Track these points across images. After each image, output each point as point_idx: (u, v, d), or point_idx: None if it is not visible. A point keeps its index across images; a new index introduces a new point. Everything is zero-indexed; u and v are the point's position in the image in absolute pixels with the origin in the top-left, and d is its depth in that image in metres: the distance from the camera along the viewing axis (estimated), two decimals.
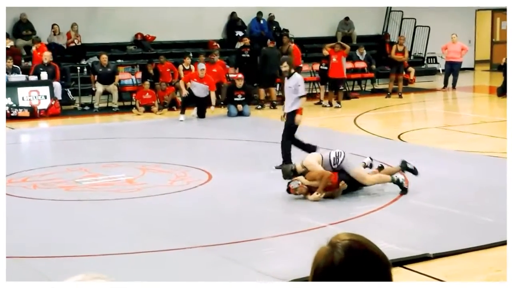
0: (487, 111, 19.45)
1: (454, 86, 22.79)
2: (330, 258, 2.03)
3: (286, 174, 9.92)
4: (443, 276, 6.92)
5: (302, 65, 21.12)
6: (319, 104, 19.81)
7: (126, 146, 14.68)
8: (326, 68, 19.72)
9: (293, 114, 11.45)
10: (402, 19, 25.58)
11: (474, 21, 28.73)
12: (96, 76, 18.94)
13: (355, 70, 22.64)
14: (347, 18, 24.67)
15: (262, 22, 23.27)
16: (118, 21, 21.64)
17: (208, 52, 20.86)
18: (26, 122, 17.15)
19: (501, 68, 22.10)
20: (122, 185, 10.70)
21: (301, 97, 11.49)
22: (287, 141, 11.43)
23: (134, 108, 18.60)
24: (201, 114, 17.30)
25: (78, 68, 19.60)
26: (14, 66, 18.46)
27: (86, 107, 19.09)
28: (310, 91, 21.82)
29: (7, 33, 19.57)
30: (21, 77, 18.28)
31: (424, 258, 7.32)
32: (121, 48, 21.87)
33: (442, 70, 24.53)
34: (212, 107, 17.16)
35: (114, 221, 8.88)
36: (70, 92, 19.35)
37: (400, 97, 20.94)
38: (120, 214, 9.19)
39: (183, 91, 17.45)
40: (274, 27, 23.36)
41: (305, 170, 9.84)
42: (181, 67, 19.68)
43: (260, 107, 19.01)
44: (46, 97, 18.00)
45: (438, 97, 22.09)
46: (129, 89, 19.88)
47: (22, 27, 20.39)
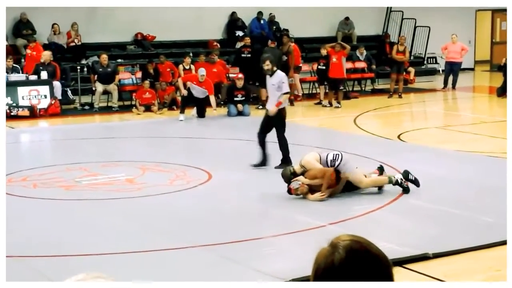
0: (487, 111, 19.45)
1: (454, 86, 22.80)
2: (331, 258, 2.03)
3: (287, 178, 9.84)
4: (442, 276, 6.92)
5: (302, 64, 21.15)
6: (319, 104, 19.81)
7: (126, 145, 14.67)
8: (324, 68, 19.72)
9: (279, 113, 11.45)
10: (402, 19, 25.57)
11: (474, 21, 28.74)
12: (96, 75, 18.95)
13: (355, 70, 22.66)
14: (347, 18, 24.67)
15: (262, 22, 23.27)
16: (118, 20, 21.65)
17: (208, 51, 20.86)
18: (26, 122, 17.16)
19: (501, 68, 22.10)
20: (122, 184, 10.70)
21: (285, 93, 11.51)
22: (283, 137, 11.49)
23: (134, 107, 18.61)
24: (200, 114, 17.31)
25: (78, 67, 19.60)
26: (14, 65, 18.48)
27: (86, 107, 19.10)
28: (310, 91, 21.86)
29: None
30: (21, 76, 18.29)
31: (423, 257, 7.32)
32: (121, 47, 21.87)
33: (442, 70, 24.54)
34: (214, 111, 17.13)
35: (114, 220, 8.89)
36: (70, 91, 19.36)
37: (400, 97, 20.95)
38: (120, 214, 9.19)
39: (182, 91, 17.45)
40: (275, 27, 23.36)
41: (304, 170, 9.85)
42: (181, 67, 19.69)
43: (260, 107, 19.00)
44: (46, 96, 18.01)
45: (438, 97, 22.09)
46: (129, 88, 19.89)
47: (22, 27, 20.38)
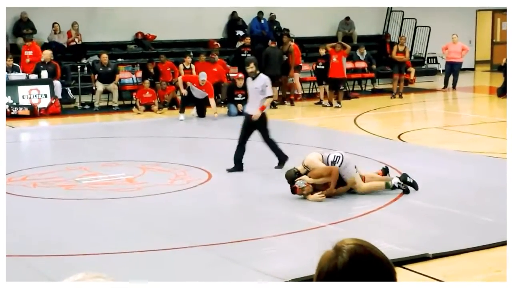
0: (487, 112, 19.45)
1: (454, 87, 22.79)
2: (334, 262, 2.03)
3: (291, 178, 9.76)
4: (442, 276, 6.92)
5: (302, 64, 21.15)
6: (319, 103, 19.80)
7: (126, 145, 14.67)
8: (323, 67, 19.72)
9: (261, 117, 11.32)
10: (403, 19, 25.56)
11: (474, 21, 28.74)
12: (96, 75, 18.94)
13: (356, 70, 22.66)
14: (348, 18, 24.66)
15: (262, 21, 23.26)
16: (118, 20, 21.64)
17: (208, 51, 20.86)
18: (26, 121, 17.15)
19: (501, 68, 22.10)
20: (122, 184, 10.70)
21: (268, 97, 11.39)
22: (270, 139, 11.40)
23: (134, 107, 18.61)
24: (201, 114, 17.30)
25: (79, 67, 19.60)
26: (14, 64, 18.47)
27: (86, 106, 19.10)
28: (310, 91, 21.86)
29: None
30: (21, 75, 18.28)
31: (423, 258, 7.32)
32: (121, 47, 21.87)
33: (443, 70, 24.53)
34: (215, 114, 17.05)
35: (114, 220, 8.88)
36: (70, 90, 19.36)
37: (400, 97, 20.94)
38: (120, 213, 9.19)
39: (182, 90, 17.44)
40: (275, 27, 23.35)
41: (307, 170, 9.82)
42: (181, 66, 19.67)
43: None
44: (46, 95, 18.01)
45: (438, 97, 22.09)
46: (129, 88, 19.89)
47: (22, 26, 20.36)
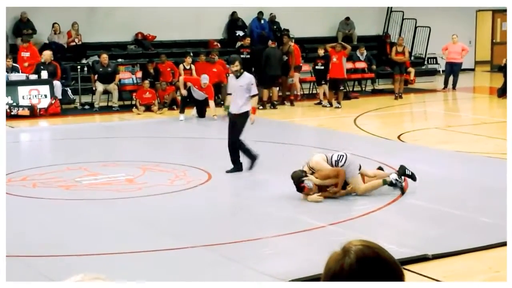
0: (487, 112, 19.45)
1: (454, 87, 22.79)
2: (341, 263, 2.03)
3: (298, 178, 9.62)
4: (442, 277, 6.92)
5: (302, 64, 21.14)
6: (319, 104, 19.80)
7: (126, 145, 14.67)
8: (322, 68, 19.73)
9: (244, 116, 11.20)
10: (403, 20, 25.56)
11: (474, 21, 28.73)
12: (96, 75, 18.94)
13: (356, 71, 22.67)
14: (348, 18, 24.65)
15: (262, 22, 23.25)
16: (118, 20, 21.64)
17: (208, 51, 20.85)
18: (26, 121, 17.15)
19: (501, 69, 22.10)
20: (122, 184, 10.70)
21: (253, 96, 11.32)
22: (240, 142, 11.19)
23: (134, 107, 18.61)
24: (201, 114, 17.29)
25: (79, 67, 19.59)
26: (13, 65, 18.46)
27: (86, 106, 19.10)
28: (310, 91, 21.85)
29: None
30: (21, 76, 18.28)
31: (423, 258, 7.32)
32: (121, 47, 21.86)
33: (443, 71, 24.53)
34: (214, 117, 17.00)
35: (114, 220, 8.88)
36: (70, 91, 19.35)
37: (400, 97, 20.93)
38: (119, 214, 9.19)
39: (182, 90, 17.42)
40: (275, 27, 23.34)
41: (312, 171, 9.77)
42: (181, 67, 19.65)
43: (261, 107, 18.99)
44: (46, 96, 18.01)
45: (438, 97, 22.09)
46: (129, 88, 19.89)
47: (22, 26, 20.36)
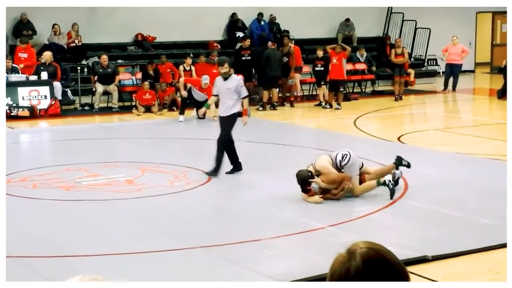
0: (487, 114, 19.46)
1: (454, 88, 22.79)
2: (347, 266, 2.02)
3: (303, 178, 9.58)
4: (441, 278, 6.92)
5: (302, 65, 21.14)
6: (319, 105, 19.80)
7: (126, 146, 14.66)
8: (322, 69, 19.74)
9: (232, 118, 11.04)
10: (403, 21, 25.57)
11: (474, 23, 28.74)
12: (96, 76, 18.94)
13: (355, 72, 22.67)
14: (348, 20, 24.64)
15: (262, 23, 23.25)
16: (118, 21, 21.64)
17: (208, 52, 20.85)
18: (26, 122, 17.15)
19: (501, 70, 22.11)
20: (121, 185, 10.69)
21: (245, 97, 11.20)
22: (223, 147, 11.02)
23: (134, 108, 18.61)
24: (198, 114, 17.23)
25: (79, 68, 19.59)
26: (13, 65, 18.44)
27: (86, 107, 19.10)
28: (310, 93, 21.85)
29: None
30: (21, 76, 18.27)
31: (422, 260, 7.31)
32: (121, 48, 21.86)
33: (443, 72, 24.52)
34: (214, 118, 16.96)
35: (113, 221, 8.88)
36: (70, 92, 19.35)
37: (400, 98, 20.93)
38: (119, 214, 9.19)
39: (182, 92, 17.41)
40: (275, 28, 23.34)
41: (317, 173, 9.72)
42: (181, 68, 19.65)
43: (261, 109, 18.99)
44: (46, 97, 18.00)
45: (438, 99, 22.09)
46: (129, 89, 19.89)
47: (22, 27, 20.36)
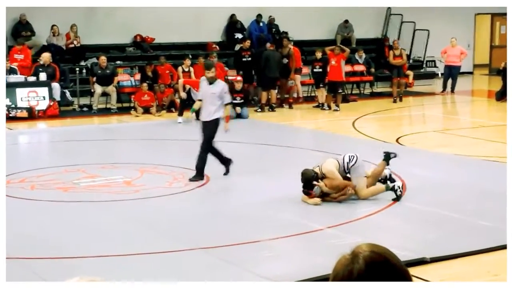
0: (486, 115, 19.46)
1: (452, 90, 22.79)
2: (350, 268, 2.02)
3: (307, 178, 9.56)
4: (439, 280, 6.92)
5: (302, 67, 21.14)
6: (318, 107, 19.78)
7: (125, 147, 14.67)
8: (320, 70, 19.74)
9: (215, 123, 10.97)
10: (402, 23, 25.58)
11: (473, 25, 28.74)
12: (95, 77, 18.93)
13: (354, 73, 22.67)
14: (347, 21, 24.64)
15: (261, 24, 23.25)
16: (117, 22, 21.63)
17: (207, 54, 20.85)
18: (24, 123, 17.14)
19: (500, 72, 22.11)
20: (120, 186, 10.69)
21: (227, 104, 11.17)
22: (205, 153, 10.89)
23: (133, 109, 18.60)
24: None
25: (77, 69, 19.58)
26: (11, 67, 18.42)
27: (85, 108, 19.10)
28: (309, 94, 21.85)
29: None
30: (19, 77, 18.26)
31: (421, 262, 7.31)
32: (120, 49, 21.85)
33: (441, 74, 24.53)
34: None
35: (112, 222, 8.87)
36: (68, 93, 19.35)
37: (400, 100, 20.92)
38: (117, 216, 9.18)
39: (181, 93, 17.41)
40: (274, 30, 23.34)
41: (323, 176, 9.71)
42: (180, 69, 19.64)
43: (259, 110, 18.98)
44: (44, 98, 17.99)
45: (437, 101, 22.10)
46: (127, 90, 19.86)
47: (21, 28, 20.35)
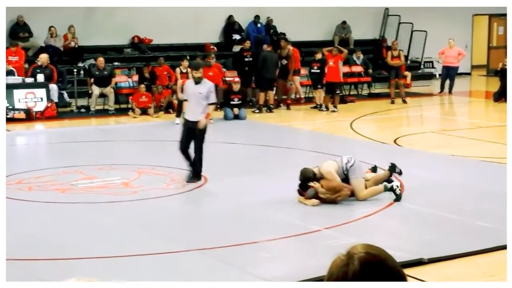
0: (483, 116, 19.48)
1: (450, 91, 22.81)
2: (345, 269, 2.00)
3: (306, 177, 9.57)
4: (437, 281, 6.92)
5: (301, 68, 21.13)
6: (316, 108, 19.78)
7: (122, 149, 14.66)
8: (318, 71, 19.75)
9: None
10: (399, 24, 25.59)
11: (471, 26, 28.76)
12: (92, 78, 18.92)
13: (352, 74, 22.68)
14: (344, 22, 24.66)
15: (259, 25, 23.26)
16: (115, 23, 21.63)
17: (205, 55, 20.84)
18: (22, 124, 17.13)
19: (497, 73, 22.12)
20: (117, 187, 10.69)
21: (212, 104, 11.14)
22: (202, 150, 10.91)
23: (131, 110, 18.59)
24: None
25: (75, 70, 19.57)
26: (10, 68, 18.39)
27: (83, 110, 19.09)
28: (307, 95, 21.85)
29: None
30: (17, 79, 18.24)
31: (418, 262, 7.32)
32: (118, 50, 21.84)
33: (439, 75, 24.54)
34: (211, 120, 16.93)
35: (110, 223, 8.87)
36: (66, 94, 19.34)
37: (404, 102, 20.76)
38: (115, 217, 9.18)
39: (179, 94, 17.40)
40: (272, 31, 23.35)
41: (321, 176, 9.73)
42: (178, 70, 19.62)
43: (257, 111, 18.97)
44: (42, 99, 17.99)
45: (435, 101, 22.11)
46: (125, 91, 19.84)
47: (19, 29, 20.33)
